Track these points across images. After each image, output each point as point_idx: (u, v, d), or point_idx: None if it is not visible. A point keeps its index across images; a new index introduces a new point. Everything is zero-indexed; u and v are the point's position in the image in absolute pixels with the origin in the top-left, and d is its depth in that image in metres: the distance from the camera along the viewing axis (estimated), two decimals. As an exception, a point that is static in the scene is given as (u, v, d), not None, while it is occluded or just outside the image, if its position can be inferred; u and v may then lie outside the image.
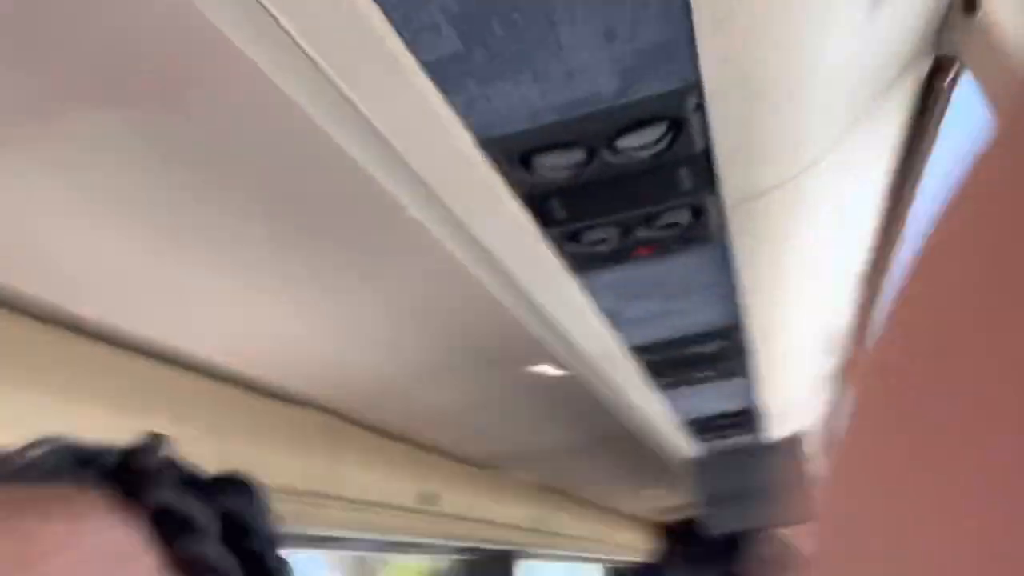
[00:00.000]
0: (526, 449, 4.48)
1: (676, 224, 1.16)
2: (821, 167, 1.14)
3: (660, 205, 1.11)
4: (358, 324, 2.12)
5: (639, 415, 2.43)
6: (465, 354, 2.67)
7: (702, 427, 2.58)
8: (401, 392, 3.02)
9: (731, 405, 2.33)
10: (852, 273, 1.93)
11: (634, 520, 8.48)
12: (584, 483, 5.93)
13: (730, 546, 8.50)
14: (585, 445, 4.55)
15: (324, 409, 3.02)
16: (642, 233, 1.17)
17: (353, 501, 3.23)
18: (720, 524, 3.04)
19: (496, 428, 3.85)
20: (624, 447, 4.57)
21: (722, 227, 1.19)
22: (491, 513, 4.76)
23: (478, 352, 2.69)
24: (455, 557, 5.34)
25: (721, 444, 2.87)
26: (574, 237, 1.17)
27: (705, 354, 1.80)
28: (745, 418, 2.53)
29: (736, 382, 2.11)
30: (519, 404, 3.40)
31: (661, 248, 1.23)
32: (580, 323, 1.54)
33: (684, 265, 1.30)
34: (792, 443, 2.89)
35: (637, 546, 8.97)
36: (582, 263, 1.25)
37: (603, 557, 8.33)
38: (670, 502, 7.92)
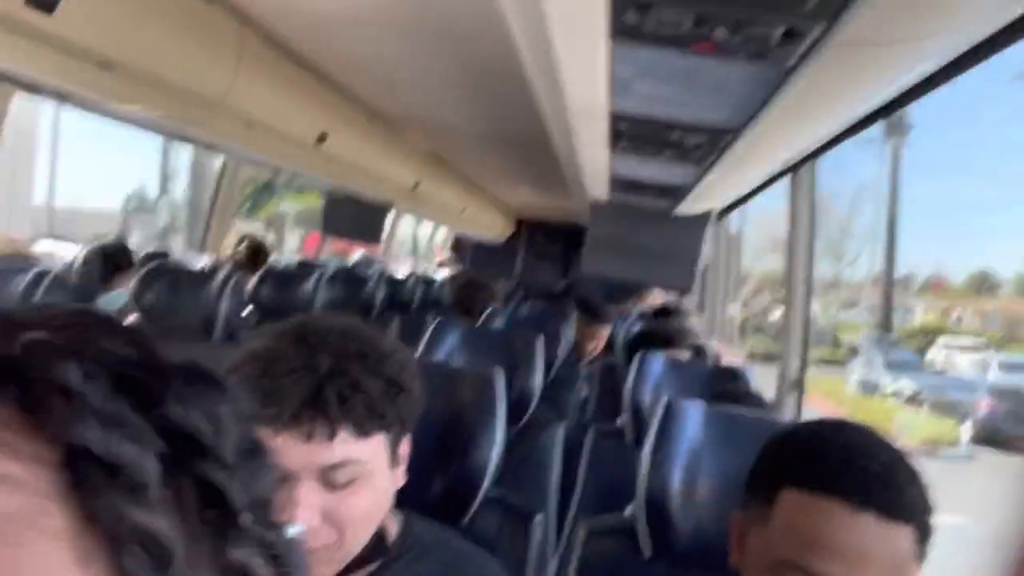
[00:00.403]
0: (430, 114, 4.31)
1: (760, 38, 0.95)
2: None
3: (759, 11, 0.89)
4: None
5: (574, 158, 2.30)
6: (425, 25, 2.38)
7: (625, 185, 2.50)
8: (327, 21, 2.71)
9: (670, 181, 2.24)
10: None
11: (502, 207, 8.72)
12: (471, 165, 5.90)
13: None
14: (492, 136, 4.43)
15: (236, 11, 2.68)
16: (719, 33, 0.96)
17: (249, 121, 3.01)
18: (601, 267, 3.10)
19: (409, 90, 3.63)
20: (529, 155, 4.49)
21: (804, 57, 1.00)
22: (374, 164, 4.67)
23: (439, 29, 2.40)
24: (333, 193, 5.30)
25: (633, 200, 2.82)
26: (644, 8, 0.94)
27: (683, 143, 1.66)
28: (672, 192, 2.46)
29: (688, 169, 1.99)
30: (448, 81, 3.17)
31: (725, 52, 1.03)
32: (579, 78, 1.34)
33: (733, 71, 1.11)
34: (698, 220, 2.89)
35: (496, 230, 9.34)
36: (631, 32, 1.03)
37: (462, 228, 8.62)
38: (541, 202, 8.15)
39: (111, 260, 3.11)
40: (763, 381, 2.30)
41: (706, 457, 1.26)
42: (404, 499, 1.17)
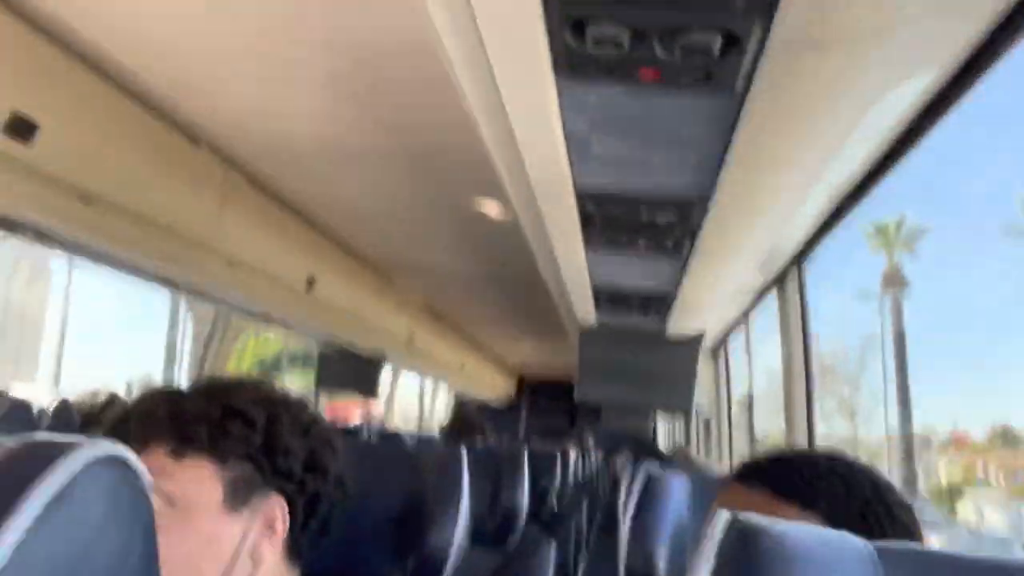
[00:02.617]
0: (419, 264, 4.35)
1: (702, 50, 0.93)
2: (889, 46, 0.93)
3: (695, 16, 0.88)
4: (303, 69, 1.85)
5: (553, 269, 2.27)
6: (402, 149, 2.43)
7: (612, 299, 2.46)
8: (314, 164, 2.77)
9: (652, 284, 2.20)
10: (826, 200, 1.76)
11: (502, 364, 8.66)
12: (466, 314, 5.91)
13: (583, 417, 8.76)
14: (483, 280, 4.45)
15: (220, 153, 2.74)
16: (659, 49, 0.94)
17: (232, 262, 3.02)
18: (595, 393, 3.00)
19: (397, 234, 3.68)
20: (522, 294, 4.49)
21: (751, 71, 0.98)
22: (366, 312, 4.66)
23: (414, 150, 2.45)
24: (327, 344, 5.26)
25: (622, 320, 2.78)
26: (580, 28, 0.93)
27: (653, 224, 1.63)
28: (659, 302, 2.41)
29: (667, 262, 1.96)
30: (431, 218, 3.21)
31: (670, 76, 1.01)
32: (538, 142, 1.32)
33: (685, 107, 1.09)
34: (691, 342, 2.82)
35: (497, 387, 9.24)
36: (574, 63, 1.02)
37: (460, 387, 8.52)
38: (544, 359, 8.10)
39: (84, 415, 3.02)
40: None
41: (692, 528, 1.14)
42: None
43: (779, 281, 2.60)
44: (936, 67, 1.11)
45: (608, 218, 1.64)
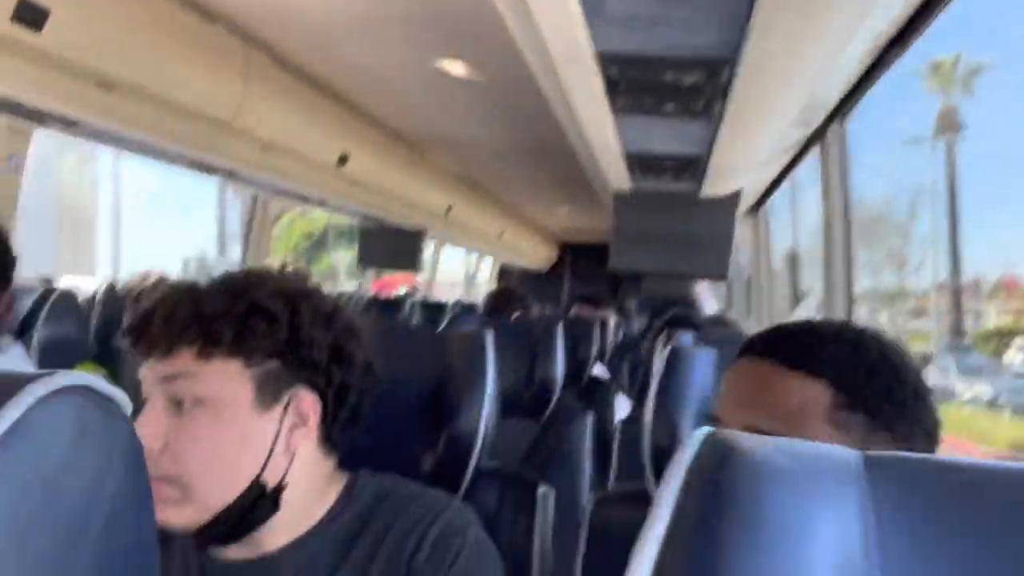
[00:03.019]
0: (451, 137, 4.27)
1: None
2: None
3: None
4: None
5: (582, 134, 2.20)
6: (422, 18, 2.33)
7: (644, 164, 2.39)
8: (337, 37, 2.68)
9: (683, 148, 2.12)
10: (868, 47, 1.65)
11: (542, 232, 8.63)
12: (502, 184, 5.84)
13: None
14: (515, 149, 4.37)
15: (238, 31, 2.67)
16: None
17: (260, 142, 2.99)
18: (629, 262, 2.97)
19: (426, 107, 3.60)
20: (557, 163, 4.40)
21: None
22: (402, 188, 4.64)
23: (433, 19, 2.35)
24: (367, 220, 5.28)
25: (655, 185, 2.71)
26: None
27: (679, 85, 1.55)
28: (692, 165, 2.34)
29: (698, 124, 1.88)
30: (457, 89, 3.12)
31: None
32: (551, 5, 1.24)
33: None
34: (727, 203, 2.75)
35: (540, 256, 9.26)
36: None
37: (500, 255, 8.56)
38: (584, 224, 8.05)
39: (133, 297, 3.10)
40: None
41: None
42: (395, 469, 1.07)
43: (819, 136, 2.49)
44: None
45: (632, 82, 1.56)
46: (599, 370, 3.05)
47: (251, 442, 0.82)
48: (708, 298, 5.72)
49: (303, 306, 0.86)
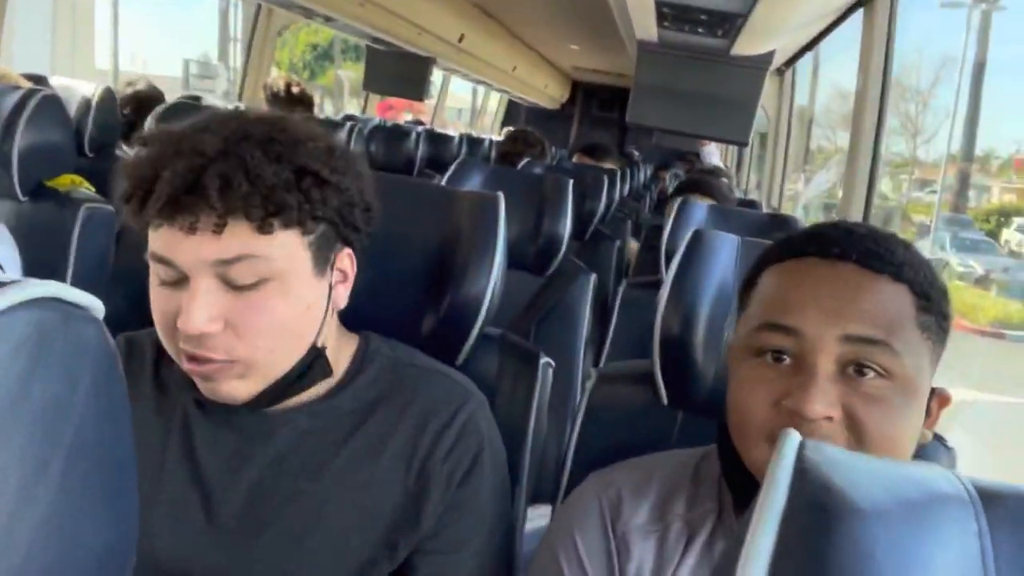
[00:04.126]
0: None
1: None
2: None
3: None
4: None
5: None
6: None
7: (676, 14, 2.22)
8: None
9: (724, 3, 1.96)
10: None
11: (555, 69, 8.30)
12: (517, 15, 5.54)
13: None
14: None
15: None
16: None
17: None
18: (649, 117, 2.85)
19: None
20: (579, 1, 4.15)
21: None
22: (415, 11, 4.40)
23: None
24: (377, 41, 5.04)
25: (684, 38, 2.54)
26: None
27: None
28: (728, 21, 2.17)
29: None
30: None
31: None
32: None
33: None
34: (758, 64, 2.60)
35: (551, 94, 8.96)
36: None
37: (509, 90, 8.27)
38: (599, 64, 7.73)
39: (141, 103, 2.97)
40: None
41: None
42: (395, 330, 1.04)
43: (868, 3, 2.31)
44: None
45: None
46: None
47: (313, 309, 0.81)
48: (714, 153, 5.59)
49: (340, 163, 0.81)
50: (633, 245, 3.51)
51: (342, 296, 0.86)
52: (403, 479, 0.86)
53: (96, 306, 0.37)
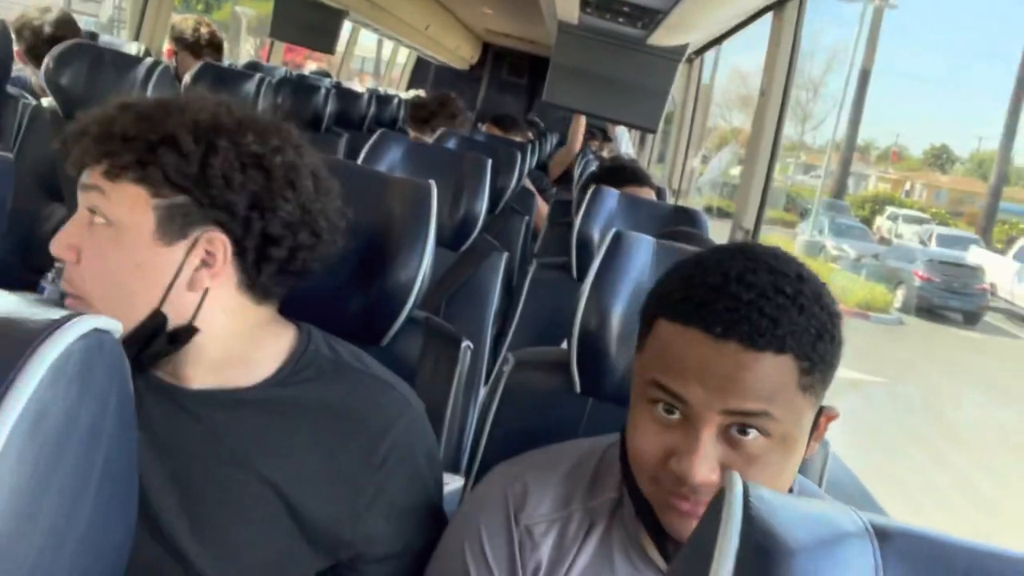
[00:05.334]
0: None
1: None
2: None
3: None
4: None
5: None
6: None
7: (599, 2, 2.28)
8: None
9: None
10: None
11: (467, 31, 8.25)
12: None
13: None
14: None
15: None
16: None
17: None
18: (564, 97, 2.91)
19: None
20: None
21: None
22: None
23: None
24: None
25: (604, 24, 2.60)
26: None
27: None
28: (649, 15, 2.25)
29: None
30: None
31: None
32: None
33: None
34: (672, 54, 2.70)
35: (461, 54, 8.90)
36: None
37: (421, 48, 8.17)
38: (507, 28, 7.73)
39: (52, 32, 2.80)
40: (716, 236, 2.21)
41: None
42: (320, 312, 1.07)
43: (779, 6, 2.44)
44: None
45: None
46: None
47: (146, 272, 0.82)
48: (624, 135, 5.73)
49: (222, 144, 0.82)
50: (543, 208, 3.58)
51: (202, 280, 0.84)
52: (333, 482, 0.87)
53: (116, 327, 0.40)
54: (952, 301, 15.73)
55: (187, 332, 0.84)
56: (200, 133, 0.81)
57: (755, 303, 0.73)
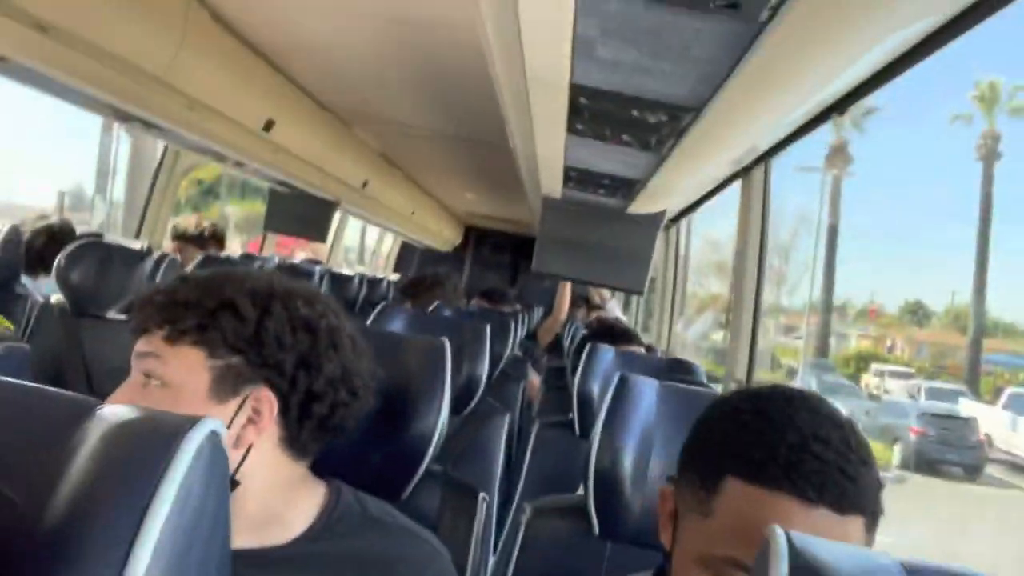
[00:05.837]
0: (382, 115, 4.24)
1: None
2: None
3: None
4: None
5: (527, 144, 2.26)
6: (384, 6, 2.33)
7: (580, 178, 2.47)
8: (278, 2, 2.64)
9: (624, 172, 2.22)
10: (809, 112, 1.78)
11: (450, 214, 8.65)
12: (420, 164, 5.83)
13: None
14: (446, 135, 4.38)
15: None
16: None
17: (192, 102, 2.90)
18: (552, 266, 3.07)
19: (361, 84, 3.57)
20: (485, 156, 4.45)
21: (780, 3, 0.97)
22: (323, 158, 4.57)
23: (399, 14, 2.35)
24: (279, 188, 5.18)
25: (586, 196, 2.80)
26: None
27: (640, 121, 1.63)
28: (627, 186, 2.44)
29: (645, 155, 1.97)
30: (404, 76, 3.11)
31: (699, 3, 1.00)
32: (542, 40, 1.29)
33: (703, 26, 1.08)
34: (651, 220, 2.88)
35: (444, 237, 9.27)
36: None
37: (407, 233, 8.52)
38: (493, 210, 8.13)
39: (54, 236, 2.95)
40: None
41: (659, 434, 1.22)
42: (343, 468, 1.11)
43: (745, 173, 2.65)
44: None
45: (597, 112, 1.63)
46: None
47: None
48: (612, 300, 5.92)
49: (276, 308, 0.90)
50: (535, 379, 3.68)
51: (248, 436, 0.88)
52: None
53: (225, 432, 0.46)
54: (950, 455, 15.59)
55: (231, 486, 0.88)
56: (257, 299, 0.89)
57: (835, 463, 0.69)
